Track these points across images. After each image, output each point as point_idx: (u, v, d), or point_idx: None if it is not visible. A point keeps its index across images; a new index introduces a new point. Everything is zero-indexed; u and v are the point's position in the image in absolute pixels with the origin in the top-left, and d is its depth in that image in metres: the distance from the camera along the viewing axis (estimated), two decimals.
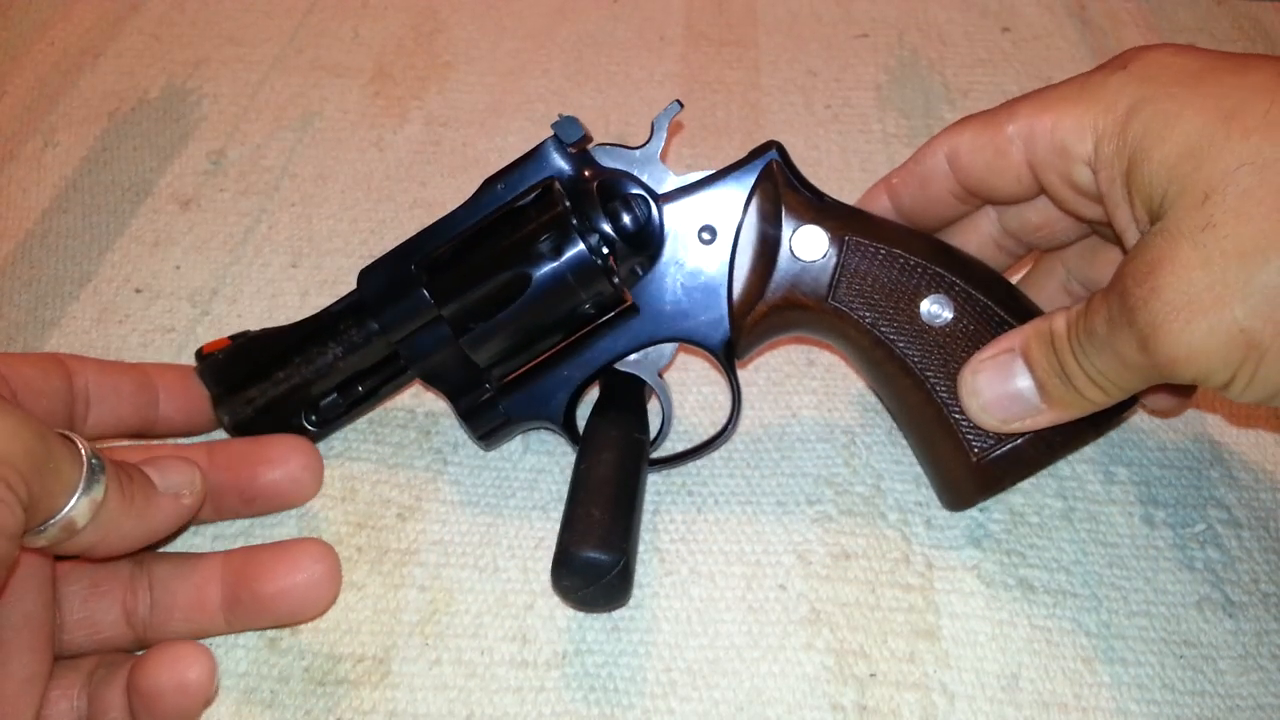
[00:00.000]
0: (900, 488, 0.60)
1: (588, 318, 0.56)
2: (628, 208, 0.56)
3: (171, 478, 0.48)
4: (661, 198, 0.57)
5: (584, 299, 0.55)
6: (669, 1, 1.00)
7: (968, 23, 0.97)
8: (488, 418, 0.59)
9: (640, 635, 0.54)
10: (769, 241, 0.56)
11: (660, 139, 0.57)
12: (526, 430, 0.63)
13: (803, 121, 0.86)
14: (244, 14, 0.99)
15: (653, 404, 0.62)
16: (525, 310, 0.54)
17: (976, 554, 0.57)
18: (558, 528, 0.53)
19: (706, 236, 0.57)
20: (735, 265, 0.57)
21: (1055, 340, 0.50)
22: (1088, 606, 0.55)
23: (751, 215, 0.57)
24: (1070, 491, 0.60)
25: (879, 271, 0.55)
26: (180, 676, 0.45)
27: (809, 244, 0.56)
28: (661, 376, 0.60)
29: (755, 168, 0.57)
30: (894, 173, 0.58)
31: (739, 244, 0.57)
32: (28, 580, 0.46)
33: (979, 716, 0.51)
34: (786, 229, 0.56)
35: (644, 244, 0.57)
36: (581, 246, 0.53)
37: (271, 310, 0.71)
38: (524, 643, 0.54)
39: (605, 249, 0.55)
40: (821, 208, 0.56)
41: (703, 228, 0.57)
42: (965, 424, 0.54)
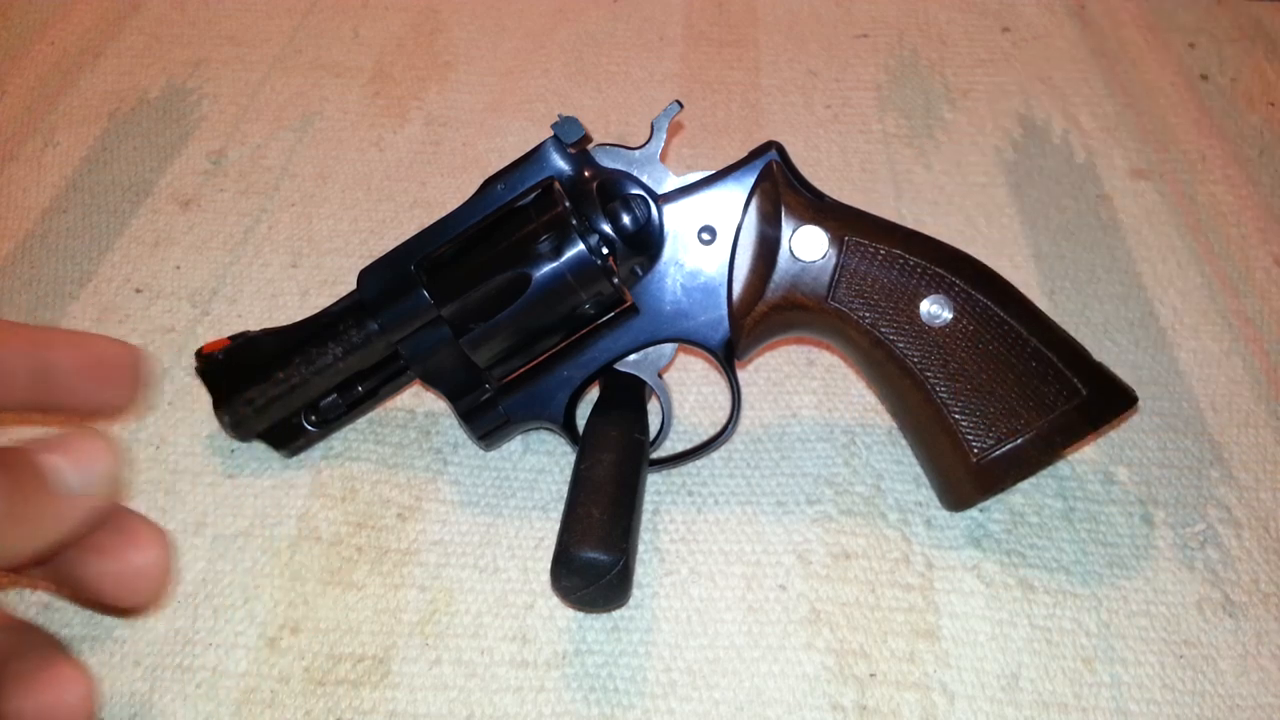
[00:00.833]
0: (900, 488, 0.60)
1: (587, 318, 0.56)
2: (628, 208, 0.56)
3: (72, 467, 0.35)
4: (661, 198, 0.57)
5: (584, 299, 0.55)
6: (669, 1, 1.00)
7: (968, 23, 0.97)
8: (488, 418, 0.59)
9: (640, 635, 0.54)
10: (769, 242, 0.56)
11: (660, 139, 0.57)
12: (526, 430, 0.63)
13: (803, 121, 0.86)
14: (244, 14, 0.99)
15: (653, 404, 0.62)
16: (525, 310, 0.54)
17: (976, 554, 0.57)
18: (558, 528, 0.53)
19: (706, 237, 0.57)
20: (735, 265, 0.57)
21: None
22: (1088, 606, 0.55)
23: (751, 216, 0.57)
24: (1070, 491, 0.60)
25: (879, 272, 0.55)
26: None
27: (809, 244, 0.56)
28: (661, 377, 0.60)
29: (755, 168, 0.57)
30: None
31: (739, 244, 0.57)
32: None
33: (979, 716, 0.51)
34: (786, 229, 0.56)
35: (644, 244, 0.57)
36: (581, 247, 0.53)
37: (271, 310, 0.71)
38: (524, 643, 0.54)
39: (605, 249, 0.55)
40: (821, 208, 0.56)
41: (702, 228, 0.57)
42: (965, 424, 0.54)
